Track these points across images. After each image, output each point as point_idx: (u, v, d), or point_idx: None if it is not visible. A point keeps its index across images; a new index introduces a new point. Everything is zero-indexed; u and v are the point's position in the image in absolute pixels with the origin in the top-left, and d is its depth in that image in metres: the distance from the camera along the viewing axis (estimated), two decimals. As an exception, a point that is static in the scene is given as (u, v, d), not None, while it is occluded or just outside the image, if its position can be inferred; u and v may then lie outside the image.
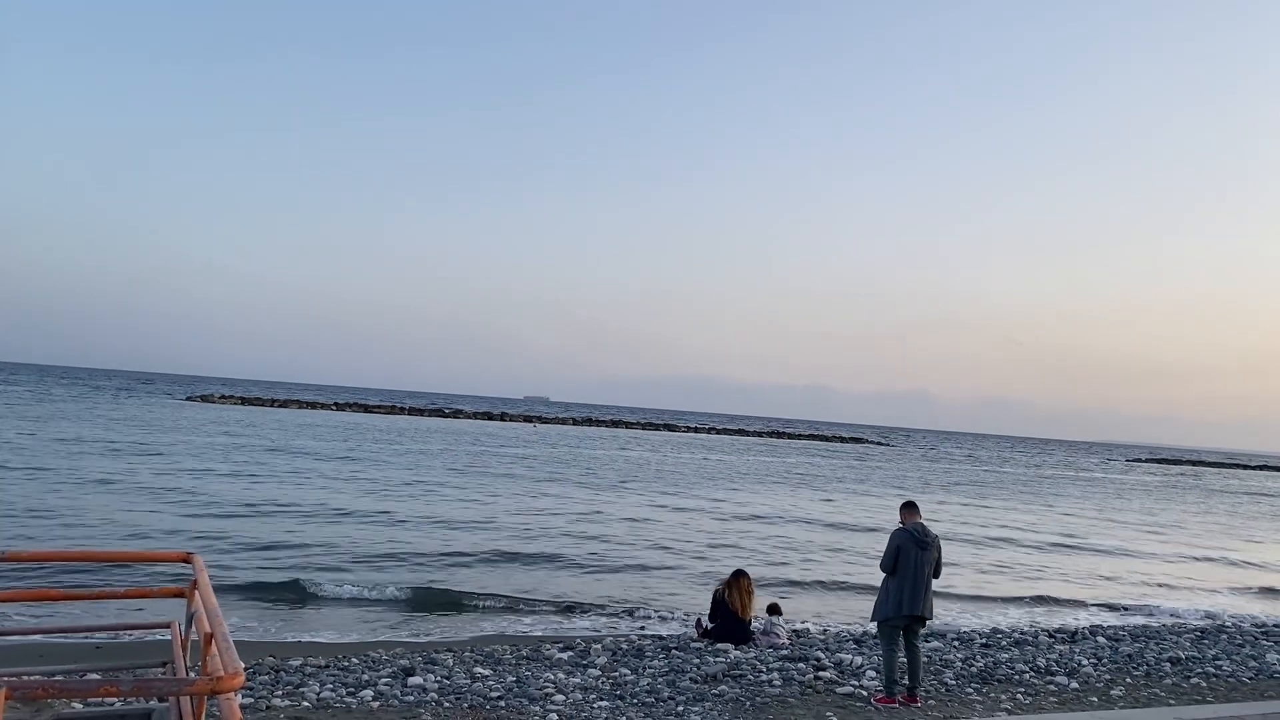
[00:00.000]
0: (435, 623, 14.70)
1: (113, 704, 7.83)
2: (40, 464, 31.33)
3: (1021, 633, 14.87)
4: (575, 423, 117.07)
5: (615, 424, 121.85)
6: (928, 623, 10.27)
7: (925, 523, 10.20)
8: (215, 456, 39.22)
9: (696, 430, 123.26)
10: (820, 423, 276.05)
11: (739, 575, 13.29)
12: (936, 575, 10.09)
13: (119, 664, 8.34)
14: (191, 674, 6.06)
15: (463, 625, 14.68)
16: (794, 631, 14.14)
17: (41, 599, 8.25)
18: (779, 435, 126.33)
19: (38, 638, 10.67)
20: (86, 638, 11.19)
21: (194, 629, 6.38)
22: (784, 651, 12.22)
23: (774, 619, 13.41)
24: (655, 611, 16.22)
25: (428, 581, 17.26)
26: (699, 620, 13.76)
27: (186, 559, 6.99)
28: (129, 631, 10.08)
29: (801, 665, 11.31)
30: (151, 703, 7.31)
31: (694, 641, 12.94)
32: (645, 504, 33.03)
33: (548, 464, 48.92)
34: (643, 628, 14.87)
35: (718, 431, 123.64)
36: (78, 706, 7.81)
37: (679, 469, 52.94)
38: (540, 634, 14.15)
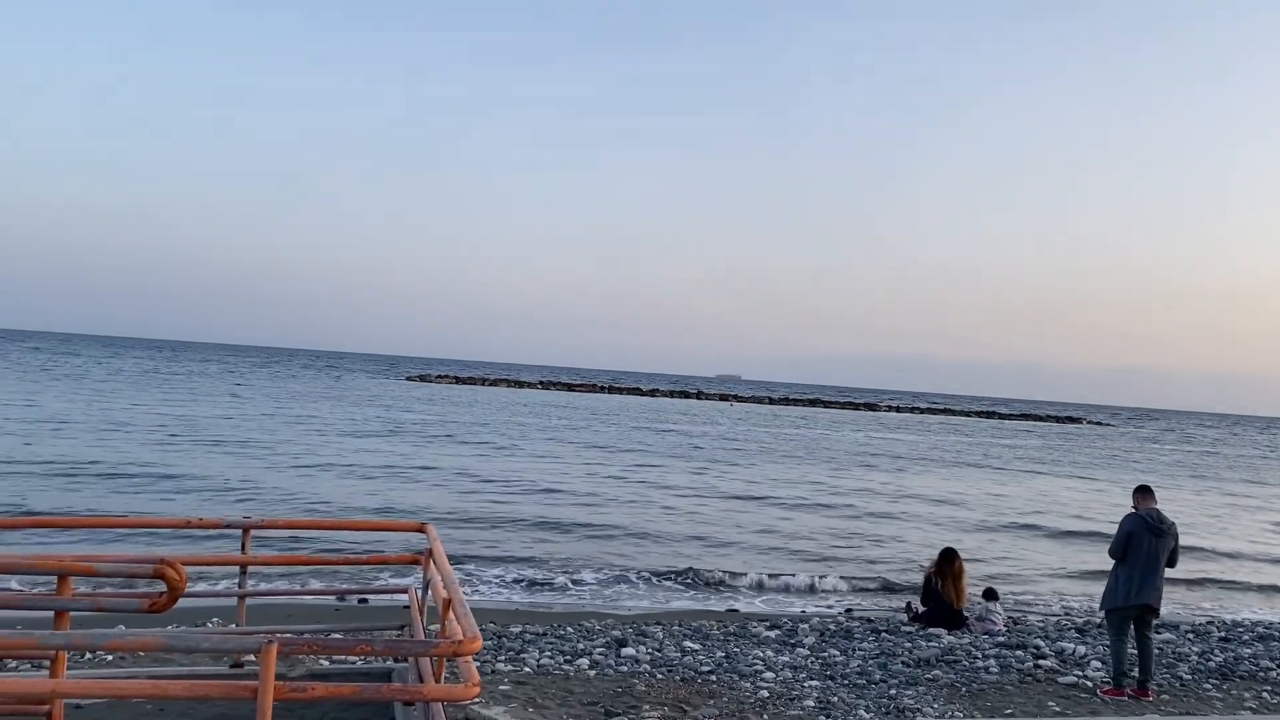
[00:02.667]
0: (644, 596, 15.01)
1: (354, 662, 8.45)
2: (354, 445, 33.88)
3: (1267, 627, 13.78)
4: (771, 401, 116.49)
5: (813, 403, 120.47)
6: (1159, 613, 9.67)
7: (1160, 509, 9.59)
8: (492, 435, 41.34)
9: (899, 409, 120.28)
10: (1035, 401, 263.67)
11: (950, 558, 12.90)
12: (1172, 564, 9.50)
13: (360, 625, 8.98)
14: (430, 638, 6.44)
15: (668, 599, 14.94)
16: (1010, 618, 13.62)
17: (292, 563, 8.96)
18: (988, 415, 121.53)
19: (283, 599, 11.61)
20: (327, 600, 12.06)
21: (430, 595, 6.79)
22: (1000, 638, 11.80)
23: (989, 604, 12.96)
24: (862, 593, 16.01)
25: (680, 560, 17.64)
26: (909, 604, 13.47)
27: (421, 529, 7.44)
28: (368, 596, 10.82)
29: (1020, 653, 10.90)
30: (388, 662, 7.85)
31: (904, 625, 12.68)
32: (857, 484, 32.59)
33: (751, 445, 48.94)
34: (849, 610, 14.70)
35: (921, 411, 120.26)
36: (325, 663, 8.47)
37: (885, 449, 51.87)
38: (747, 611, 14.22)
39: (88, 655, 8.53)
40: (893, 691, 9.21)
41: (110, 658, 8.52)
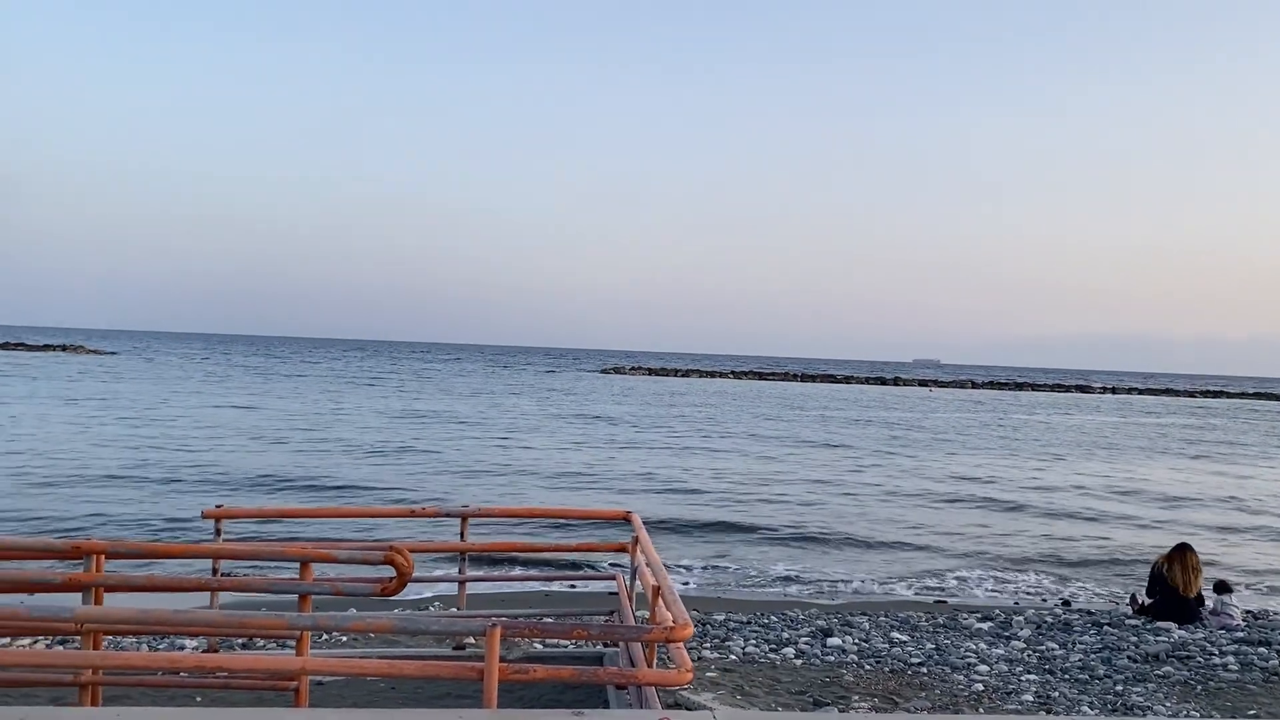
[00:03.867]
0: (848, 587, 14.82)
1: (566, 646, 8.74)
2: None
3: None
4: (974, 385, 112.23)
5: (1019, 386, 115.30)
6: None
7: None
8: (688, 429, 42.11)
9: (1114, 391, 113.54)
10: (1268, 379, 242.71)
11: (1184, 550, 12.09)
12: None
13: (570, 610, 9.28)
14: (641, 624, 6.59)
15: (874, 589, 14.69)
16: (1248, 613, 12.65)
17: (506, 550, 9.35)
18: (1212, 394, 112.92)
19: (497, 585, 12.13)
20: (537, 584, 12.51)
21: (637, 582, 6.96)
22: (1239, 634, 10.98)
23: (1224, 598, 12.07)
24: (1080, 584, 15.25)
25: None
26: (1133, 596, 12.72)
27: (626, 518, 7.63)
28: (576, 581, 11.18)
29: (1263, 650, 10.11)
30: (599, 647, 8.09)
31: (1128, 618, 11.99)
32: (1074, 473, 31.07)
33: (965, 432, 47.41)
34: (1067, 601, 14.02)
35: (1139, 392, 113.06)
36: (538, 646, 8.81)
37: (1100, 436, 49.15)
38: (955, 603, 13.80)
39: (323, 636, 9.18)
40: (1119, 688, 8.74)
41: (345, 639, 9.14)
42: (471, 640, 8.26)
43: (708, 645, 9.77)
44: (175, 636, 8.70)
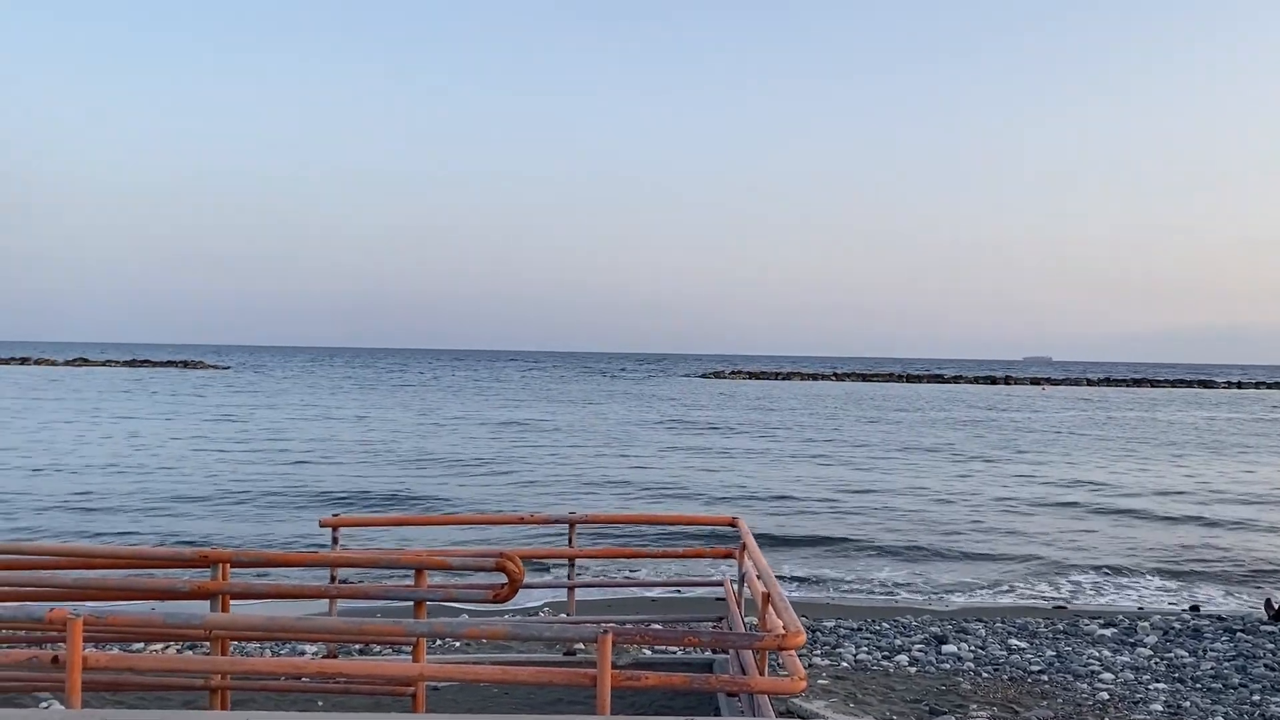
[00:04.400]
0: (961, 592, 14.46)
1: (674, 652, 8.72)
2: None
3: None
4: (1089, 383, 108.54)
5: (1137, 383, 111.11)
6: None
7: None
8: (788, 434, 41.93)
9: (1239, 385, 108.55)
10: None
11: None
12: None
13: (678, 615, 9.26)
14: (751, 631, 6.53)
15: (988, 595, 14.30)
16: (1397, 619, 11.93)
17: (615, 556, 9.39)
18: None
19: (604, 590, 12.19)
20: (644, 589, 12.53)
21: (745, 588, 6.91)
22: (1386, 641, 10.35)
23: (1369, 603, 11.41)
24: (1207, 590, 14.59)
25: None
26: (1268, 601, 12.12)
27: (733, 523, 7.58)
28: (682, 588, 11.16)
29: None
30: (707, 653, 8.05)
31: (1264, 624, 11.42)
32: (1197, 474, 29.82)
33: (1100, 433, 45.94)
34: (1196, 607, 13.42)
35: (1267, 386, 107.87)
36: (647, 652, 8.81)
37: (1228, 434, 47.07)
38: (1075, 608, 13.34)
39: (437, 641, 9.35)
40: (1255, 697, 8.33)
41: (458, 644, 9.30)
42: (582, 645, 8.33)
43: (818, 652, 9.65)
44: (297, 642, 8.97)
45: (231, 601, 5.99)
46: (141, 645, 9.04)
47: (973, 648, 9.93)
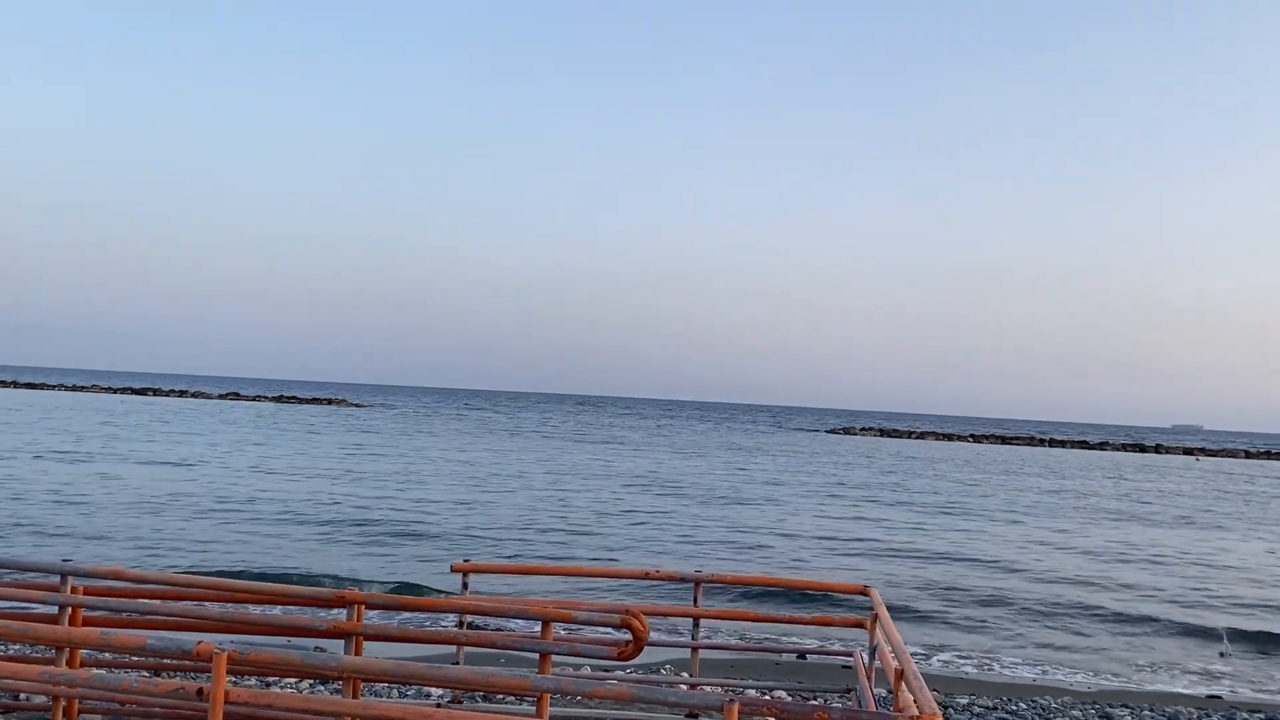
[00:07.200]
0: (1103, 670, 13.70)
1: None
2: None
3: None
4: (1248, 455, 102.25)
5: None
6: None
7: None
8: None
9: None
10: None
11: None
12: None
13: (803, 685, 9.05)
14: (881, 707, 6.32)
15: (1134, 676, 13.49)
16: None
17: (741, 619, 9.26)
18: None
19: (729, 652, 12.00)
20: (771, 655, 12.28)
21: (876, 660, 6.70)
22: None
23: None
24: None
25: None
26: None
27: (864, 592, 7.38)
28: (809, 654, 10.89)
29: None
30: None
31: None
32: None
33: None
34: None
35: None
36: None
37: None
38: (1231, 699, 12.45)
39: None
40: None
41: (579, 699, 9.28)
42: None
43: (949, 730, 9.26)
44: (424, 686, 9.10)
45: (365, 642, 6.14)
46: (274, 680, 9.33)
47: (1118, 737, 9.37)
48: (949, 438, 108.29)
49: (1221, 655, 14.85)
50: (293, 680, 9.55)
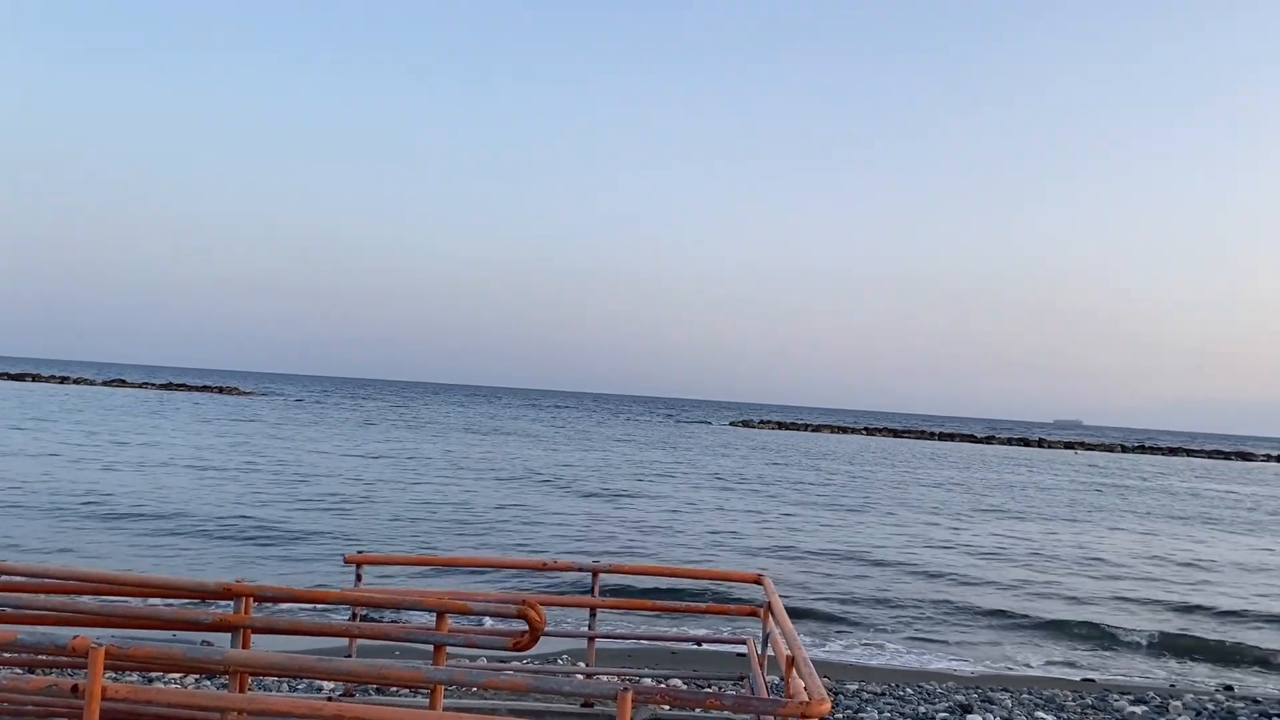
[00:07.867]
0: (985, 657, 14.19)
1: (694, 711, 8.60)
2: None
3: None
4: (1125, 449, 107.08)
5: (1173, 451, 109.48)
6: None
7: None
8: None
9: None
10: None
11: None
12: None
13: (698, 673, 9.15)
14: (774, 694, 6.43)
15: (1014, 662, 14.02)
16: None
17: (637, 608, 9.31)
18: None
19: (626, 642, 12.06)
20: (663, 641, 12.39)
21: (769, 648, 6.80)
22: None
23: None
24: (1242, 671, 14.23)
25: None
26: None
27: (758, 580, 7.49)
28: (703, 642, 11.04)
29: None
30: (725, 713, 7.92)
31: (1300, 709, 11.10)
32: (1243, 548, 29.22)
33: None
34: (1229, 686, 13.09)
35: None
36: (665, 709, 8.69)
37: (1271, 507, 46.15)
38: (1103, 681, 13.04)
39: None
40: (1291, 788, 8.07)
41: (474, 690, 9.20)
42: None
43: (839, 716, 9.48)
44: (315, 679, 8.92)
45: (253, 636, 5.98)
46: (158, 675, 9.04)
47: (999, 718, 9.72)
48: (843, 430, 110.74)
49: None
50: (177, 676, 9.26)
